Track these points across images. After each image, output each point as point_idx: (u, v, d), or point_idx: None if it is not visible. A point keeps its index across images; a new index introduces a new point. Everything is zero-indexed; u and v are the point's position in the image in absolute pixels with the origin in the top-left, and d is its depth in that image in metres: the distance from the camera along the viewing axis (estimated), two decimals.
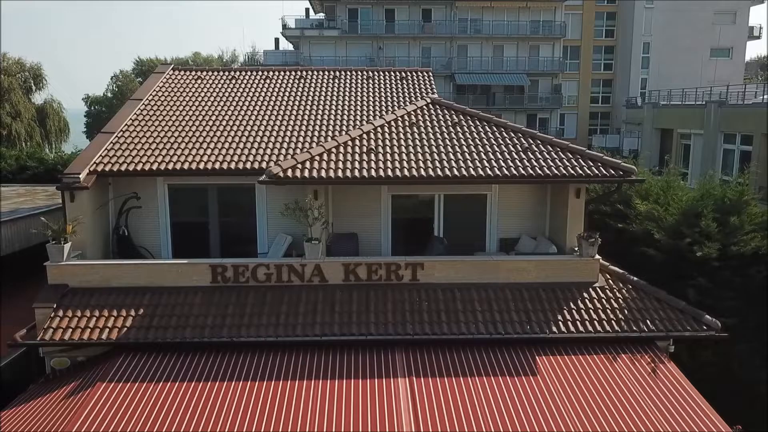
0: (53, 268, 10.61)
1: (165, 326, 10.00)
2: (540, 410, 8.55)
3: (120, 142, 12.54)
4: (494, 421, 8.34)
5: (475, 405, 8.62)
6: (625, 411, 8.56)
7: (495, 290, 10.71)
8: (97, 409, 8.41)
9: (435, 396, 8.80)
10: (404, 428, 8.18)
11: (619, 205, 13.68)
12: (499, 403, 8.68)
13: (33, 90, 66.93)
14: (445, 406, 8.60)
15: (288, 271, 10.77)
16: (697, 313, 10.25)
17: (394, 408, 8.52)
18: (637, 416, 8.47)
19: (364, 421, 8.31)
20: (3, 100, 61.27)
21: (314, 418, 8.36)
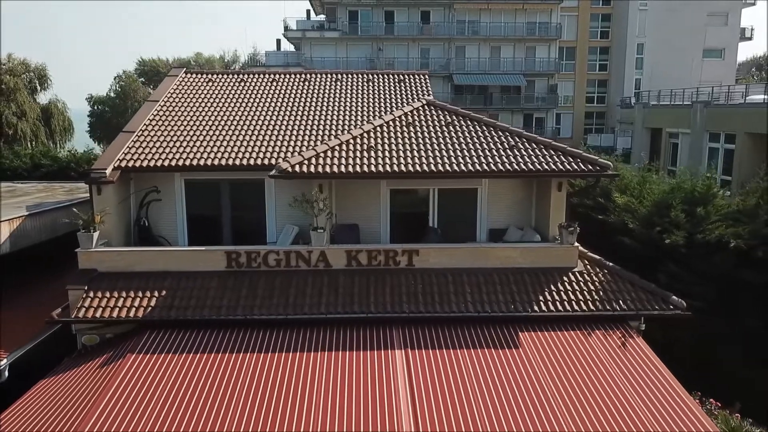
0: (83, 254, 11.72)
1: (185, 306, 11.11)
2: (521, 378, 9.65)
3: (140, 140, 13.63)
4: (480, 386, 9.43)
5: (463, 373, 9.72)
6: (596, 378, 9.66)
7: (484, 275, 11.81)
8: (130, 374, 9.52)
9: (428, 366, 9.90)
10: (400, 393, 9.26)
11: (600, 198, 14.79)
12: (484, 371, 9.78)
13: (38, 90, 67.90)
14: (436, 374, 9.70)
15: (296, 257, 11.89)
16: (665, 295, 11.37)
17: (392, 375, 9.62)
18: (606, 383, 9.56)
19: (365, 386, 9.40)
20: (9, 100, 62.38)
21: (320, 384, 9.45)
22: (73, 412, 8.91)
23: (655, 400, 9.21)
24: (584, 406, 9.05)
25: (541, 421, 8.69)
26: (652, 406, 9.08)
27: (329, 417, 8.75)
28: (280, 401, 9.05)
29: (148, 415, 8.73)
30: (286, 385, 9.43)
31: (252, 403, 8.99)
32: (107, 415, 8.68)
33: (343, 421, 8.65)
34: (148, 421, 8.61)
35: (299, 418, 8.70)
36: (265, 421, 8.64)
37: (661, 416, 8.87)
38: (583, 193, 15.34)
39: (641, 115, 34.11)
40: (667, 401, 9.20)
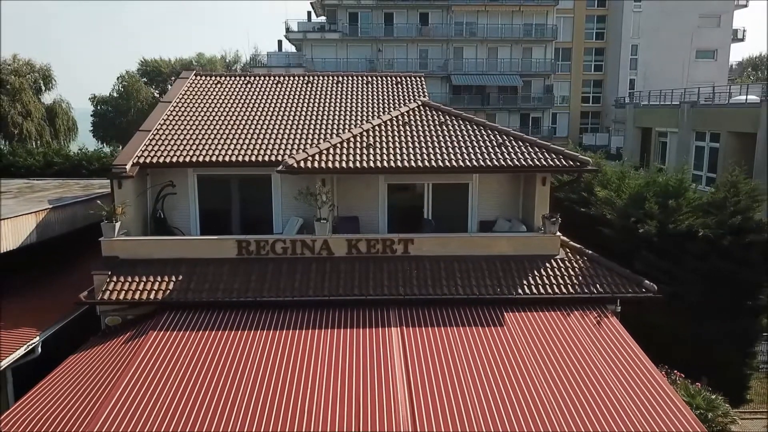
0: (106, 243, 12.80)
1: (200, 290, 12.18)
2: (505, 352, 10.71)
3: (156, 138, 14.68)
4: (467, 360, 10.49)
5: (452, 348, 10.78)
6: (572, 352, 10.72)
7: (473, 261, 12.88)
8: (153, 349, 10.59)
9: (421, 342, 10.97)
10: (396, 365, 10.32)
11: (584, 193, 15.87)
12: (472, 346, 10.84)
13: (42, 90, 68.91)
14: (428, 349, 10.76)
15: (301, 246, 12.96)
16: (638, 279, 12.44)
17: (388, 350, 10.68)
18: (581, 356, 10.62)
19: (364, 359, 10.45)
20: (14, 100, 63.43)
21: (324, 357, 10.51)
22: (103, 381, 9.98)
23: (624, 372, 10.25)
24: (560, 376, 10.09)
25: (522, 390, 9.71)
26: (622, 376, 10.12)
27: (332, 385, 9.79)
28: (288, 373, 10.09)
29: (171, 383, 9.79)
30: (293, 358, 10.49)
31: (263, 374, 10.04)
32: (134, 383, 9.74)
33: (344, 389, 9.68)
34: (171, 389, 9.67)
35: (305, 386, 9.74)
36: (275, 389, 9.68)
37: (629, 385, 9.90)
38: (568, 188, 16.42)
39: (632, 114, 35.17)
40: (635, 372, 10.25)
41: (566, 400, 9.46)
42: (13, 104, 64.05)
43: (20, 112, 64.41)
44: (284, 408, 9.21)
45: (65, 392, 9.85)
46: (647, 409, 9.27)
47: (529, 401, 9.44)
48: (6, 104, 62.61)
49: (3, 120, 62.95)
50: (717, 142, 26.13)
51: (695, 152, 27.94)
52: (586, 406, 9.34)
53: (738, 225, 13.00)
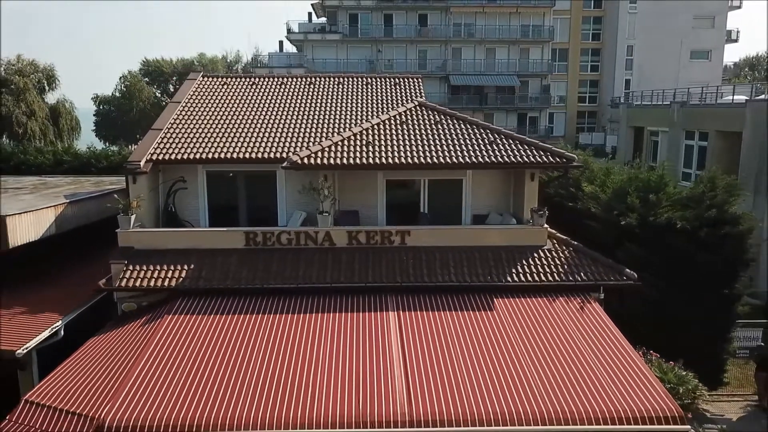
0: (122, 234, 13.68)
1: (211, 277, 13.06)
2: (493, 334, 11.58)
3: (167, 136, 15.55)
4: (459, 340, 11.36)
5: (445, 330, 11.65)
6: (556, 334, 11.58)
7: (466, 252, 13.75)
8: (169, 330, 11.47)
9: (416, 325, 11.83)
10: (393, 347, 11.17)
11: (572, 188, 16.74)
12: (463, 329, 11.71)
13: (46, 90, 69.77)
14: (423, 331, 11.63)
15: (305, 237, 13.84)
16: (620, 268, 13.31)
17: (386, 332, 11.54)
18: (564, 338, 11.48)
19: (363, 341, 11.31)
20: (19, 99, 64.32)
21: (326, 338, 11.37)
22: (124, 359, 10.85)
23: (603, 352, 11.10)
24: (545, 356, 10.94)
25: (509, 370, 10.52)
26: (601, 356, 10.97)
27: (334, 365, 10.63)
28: (293, 352, 10.95)
29: (186, 361, 10.65)
30: (297, 340, 11.35)
31: (269, 353, 10.90)
32: (153, 360, 10.61)
33: (345, 368, 10.52)
34: (186, 365, 10.53)
35: (309, 365, 10.58)
36: (281, 367, 10.52)
37: (608, 364, 10.74)
38: (558, 184, 17.30)
39: (625, 114, 36.02)
40: (614, 352, 11.10)
41: (549, 378, 10.30)
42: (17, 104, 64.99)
43: (24, 111, 65.34)
44: (289, 384, 10.06)
45: (89, 369, 10.72)
46: (623, 385, 10.13)
47: (516, 380, 10.27)
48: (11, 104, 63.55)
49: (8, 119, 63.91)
50: (705, 141, 26.97)
51: (685, 151, 28.78)
52: (567, 383, 10.18)
53: (714, 217, 13.87)
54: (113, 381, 10.14)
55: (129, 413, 9.26)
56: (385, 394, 9.75)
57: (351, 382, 10.05)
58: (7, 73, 64.46)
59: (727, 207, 14.12)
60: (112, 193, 17.73)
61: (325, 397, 9.73)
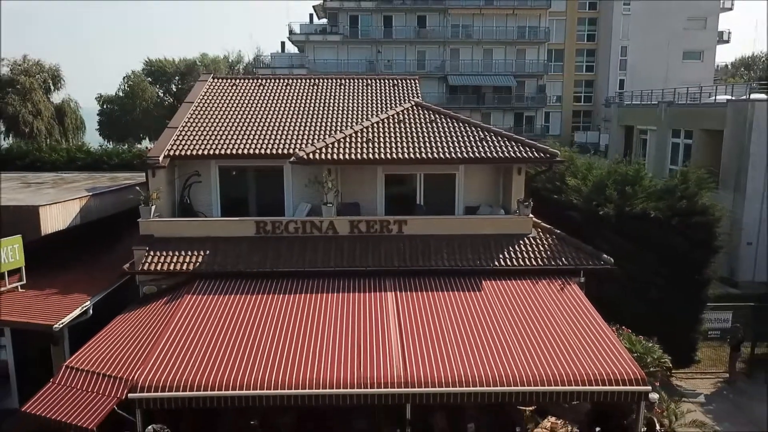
0: (144, 223, 14.95)
1: (225, 262, 14.34)
2: (481, 310, 12.84)
3: (182, 134, 16.81)
4: (450, 317, 12.60)
5: (437, 307, 12.92)
6: (538, 311, 12.85)
7: (458, 240, 15.02)
8: (189, 307, 12.75)
9: (411, 304, 13.10)
10: (391, 322, 12.41)
11: (557, 182, 18.02)
12: (454, 307, 12.98)
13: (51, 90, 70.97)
14: (417, 308, 12.89)
15: (310, 226, 15.12)
16: (598, 254, 14.59)
17: (385, 310, 12.80)
18: (546, 314, 12.73)
19: (363, 317, 12.56)
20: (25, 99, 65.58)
21: (330, 315, 12.62)
22: (150, 332, 12.13)
23: (579, 326, 12.36)
24: (526, 330, 12.19)
25: (494, 341, 11.77)
26: (577, 330, 12.22)
27: (337, 337, 11.88)
28: (300, 327, 12.21)
29: (206, 334, 11.92)
30: (304, 316, 12.61)
31: (280, 327, 12.17)
32: (176, 332, 11.88)
33: (347, 340, 11.77)
34: (206, 337, 11.79)
35: (315, 338, 11.82)
36: (291, 339, 11.78)
37: (583, 336, 12.00)
38: (545, 179, 18.57)
39: (616, 114, 37.26)
40: (589, 327, 12.36)
41: (529, 348, 11.57)
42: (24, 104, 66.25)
43: (31, 111, 66.56)
44: (298, 352, 11.32)
45: (119, 341, 12.00)
46: (594, 353, 11.39)
47: (499, 349, 11.53)
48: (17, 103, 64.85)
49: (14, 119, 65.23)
50: (690, 139, 28.23)
51: (671, 148, 30.03)
52: (545, 352, 11.44)
53: (685, 208, 15.15)
54: (142, 350, 11.42)
55: (158, 375, 10.54)
56: (383, 360, 11.02)
57: (353, 351, 11.33)
58: (14, 73, 65.67)
59: (697, 198, 15.38)
60: (129, 188, 19.07)
61: (330, 362, 11.00)
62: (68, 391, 10.57)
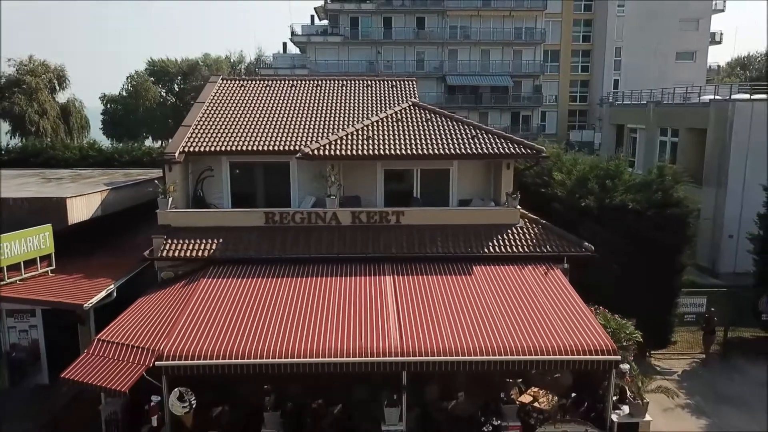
0: (162, 214, 16.23)
1: (236, 249, 15.62)
2: (471, 293, 14.10)
3: (195, 132, 18.06)
4: (442, 297, 13.86)
5: (432, 289, 14.19)
6: (522, 292, 14.12)
7: (451, 229, 16.28)
8: (205, 289, 14.03)
9: (408, 285, 14.37)
10: (389, 302, 13.68)
11: (545, 177, 19.31)
12: (446, 289, 14.24)
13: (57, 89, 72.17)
14: (414, 290, 14.16)
15: (315, 217, 16.40)
16: (580, 242, 15.87)
17: (383, 291, 14.06)
18: (531, 296, 14.00)
19: (364, 297, 13.83)
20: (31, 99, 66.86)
21: (334, 296, 13.89)
22: (172, 310, 13.40)
23: (560, 305, 13.62)
24: (512, 308, 13.45)
25: (482, 318, 13.02)
26: (558, 308, 13.48)
27: (340, 314, 13.15)
28: (307, 304, 13.48)
29: (222, 311, 13.18)
30: (310, 296, 13.87)
31: (288, 306, 13.43)
32: (195, 310, 13.15)
33: (349, 316, 13.04)
34: (222, 314, 13.05)
35: (320, 315, 13.07)
36: (298, 316, 13.04)
37: (562, 314, 13.26)
38: (534, 174, 19.86)
39: (608, 113, 38.56)
40: (568, 306, 13.63)
41: (513, 323, 12.84)
42: (30, 103, 67.57)
43: (37, 110, 67.87)
44: (304, 327, 12.59)
45: (143, 318, 13.29)
46: (572, 328, 12.66)
47: (486, 324, 12.80)
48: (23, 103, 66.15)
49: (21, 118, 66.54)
50: (677, 137, 29.52)
51: (659, 146, 31.32)
52: (527, 326, 12.71)
53: (660, 200, 16.43)
54: (165, 325, 12.71)
55: (181, 346, 11.84)
56: (382, 333, 12.31)
57: (354, 325, 12.62)
58: (20, 74, 66.98)
59: (672, 192, 16.67)
60: (144, 182, 20.43)
61: (334, 335, 12.28)
62: (101, 360, 11.85)
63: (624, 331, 13.42)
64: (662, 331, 17.44)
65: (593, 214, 16.59)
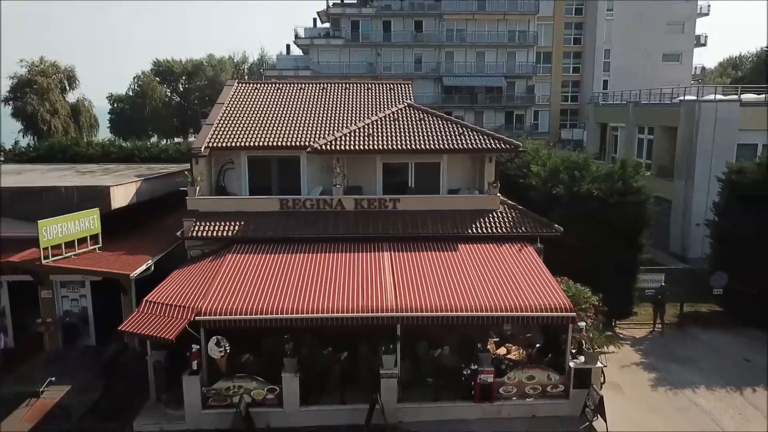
0: (190, 200, 18.82)
1: (256, 230, 18.19)
2: (455, 265, 16.67)
3: (218, 129, 20.62)
4: (432, 268, 16.43)
5: (423, 263, 16.77)
6: (499, 265, 16.69)
7: (440, 214, 18.86)
8: (231, 263, 16.62)
9: (403, 259, 16.95)
10: (386, 270, 16.23)
11: (524, 169, 21.91)
12: (435, 262, 16.82)
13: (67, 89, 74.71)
14: (407, 262, 16.74)
15: (323, 203, 18.99)
16: (551, 224, 18.46)
17: (382, 263, 16.63)
18: (507, 267, 16.58)
19: (365, 268, 16.39)
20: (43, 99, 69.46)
21: (339, 267, 16.46)
22: (204, 279, 15.98)
23: (529, 275, 16.17)
24: (489, 276, 16.01)
25: (465, 284, 15.58)
26: (527, 277, 16.03)
27: (345, 281, 15.71)
28: (317, 273, 16.06)
29: (246, 279, 15.74)
30: (319, 267, 16.44)
31: (302, 273, 16.01)
32: (224, 278, 15.73)
33: (353, 282, 15.61)
34: (247, 280, 15.60)
35: (328, 281, 15.62)
36: (311, 284, 15.58)
37: (531, 281, 15.81)
38: (516, 167, 22.45)
39: (593, 112, 41.17)
40: (536, 275, 16.19)
41: (490, 288, 15.41)
42: (42, 103, 70.23)
43: (48, 110, 70.55)
44: (316, 291, 15.16)
45: (181, 285, 15.86)
46: (539, 292, 15.22)
47: (466, 289, 15.35)
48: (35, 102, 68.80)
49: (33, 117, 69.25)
50: (653, 135, 32.11)
51: (638, 143, 33.92)
52: (502, 290, 15.26)
53: (621, 189, 19.01)
54: (200, 289, 15.30)
55: (216, 304, 14.44)
56: (380, 294, 14.91)
57: (357, 288, 15.21)
58: (32, 74, 69.57)
59: (632, 181, 19.25)
60: (169, 175, 23.04)
61: (340, 296, 14.88)
62: (149, 317, 14.44)
63: (583, 296, 15.99)
64: (625, 304, 20.01)
65: (563, 201, 19.17)
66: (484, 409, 14.80)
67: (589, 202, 19.10)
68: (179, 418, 14.47)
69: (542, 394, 15.01)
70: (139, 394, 15.41)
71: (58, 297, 18.00)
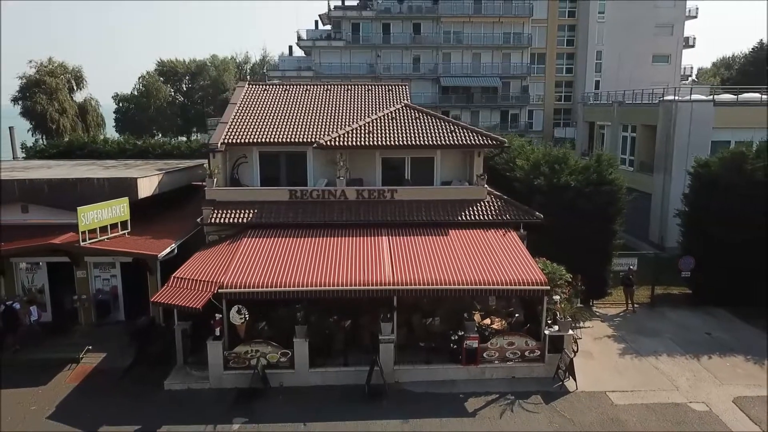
0: (208, 191, 20.94)
1: (268, 217, 20.30)
2: (446, 247, 18.80)
3: (232, 127, 22.74)
4: (425, 250, 18.55)
5: (417, 245, 18.89)
6: (484, 247, 18.81)
7: (433, 203, 20.97)
8: (247, 245, 18.74)
9: (399, 242, 19.07)
10: (385, 251, 18.35)
11: (511, 163, 24.04)
12: (428, 243, 18.94)
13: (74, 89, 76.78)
14: (404, 245, 18.86)
15: (327, 193, 21.11)
16: (532, 212, 20.58)
17: (380, 245, 18.75)
18: (489, 249, 18.70)
19: (366, 249, 18.50)
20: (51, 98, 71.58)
21: (342, 248, 18.57)
22: (224, 258, 18.10)
23: (511, 255, 18.28)
24: (475, 256, 18.12)
25: (454, 263, 17.68)
26: (509, 256, 18.15)
27: (347, 262, 17.79)
28: (323, 253, 18.16)
29: (261, 258, 17.85)
30: (325, 248, 18.54)
31: (310, 254, 18.11)
32: (242, 258, 17.83)
33: (355, 261, 17.72)
34: (262, 259, 17.69)
35: (332, 259, 17.70)
36: (318, 262, 17.68)
37: (512, 260, 17.92)
38: (503, 161, 24.57)
39: (582, 111, 43.29)
40: (518, 256, 18.29)
41: (475, 266, 17.52)
42: (51, 102, 72.37)
43: (57, 109, 72.68)
44: (322, 267, 17.27)
45: (204, 263, 17.98)
46: (518, 269, 17.33)
47: (457, 267, 17.48)
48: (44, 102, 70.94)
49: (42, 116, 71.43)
50: (635, 133, 34.24)
51: (622, 140, 36.06)
52: (487, 269, 17.36)
53: (596, 180, 21.14)
54: (221, 267, 17.42)
55: (236, 279, 16.57)
56: (379, 271, 17.04)
57: (359, 266, 17.33)
58: (40, 75, 71.63)
59: (605, 174, 21.38)
60: (186, 169, 25.18)
61: (344, 272, 16.99)
62: (178, 290, 16.56)
63: (558, 273, 18.10)
64: (600, 285, 22.14)
65: (544, 191, 21.30)
66: (469, 371, 16.94)
67: (567, 192, 21.23)
68: (203, 378, 16.62)
69: (521, 358, 17.14)
70: (166, 360, 17.53)
71: (91, 277, 20.14)
